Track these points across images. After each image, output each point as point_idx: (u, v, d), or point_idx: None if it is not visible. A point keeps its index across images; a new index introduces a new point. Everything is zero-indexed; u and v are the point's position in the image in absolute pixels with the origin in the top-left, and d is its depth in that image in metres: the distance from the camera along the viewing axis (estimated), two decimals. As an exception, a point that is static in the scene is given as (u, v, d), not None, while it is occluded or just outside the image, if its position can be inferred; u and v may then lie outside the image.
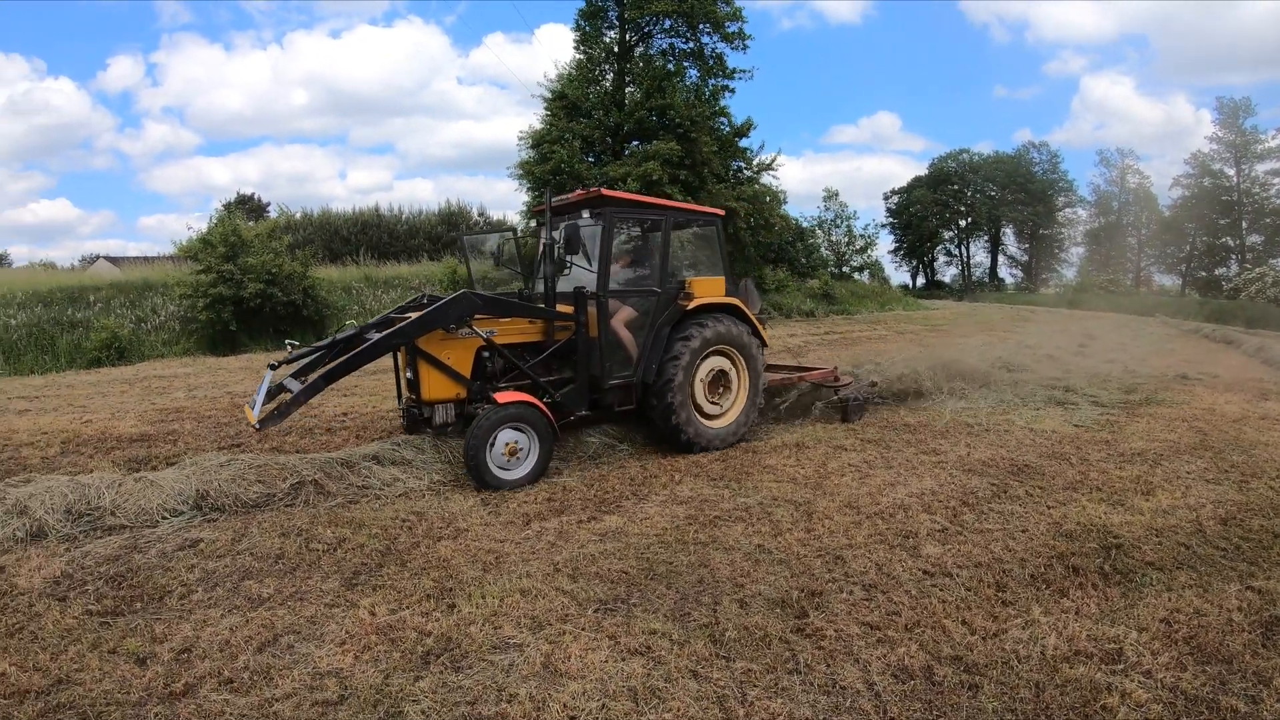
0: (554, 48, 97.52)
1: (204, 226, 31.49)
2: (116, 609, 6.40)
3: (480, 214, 52.80)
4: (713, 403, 11.08)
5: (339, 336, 10.45)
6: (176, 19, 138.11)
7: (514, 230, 10.60)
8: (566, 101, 37.60)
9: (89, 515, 8.39)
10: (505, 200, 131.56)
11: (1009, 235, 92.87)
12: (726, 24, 38.31)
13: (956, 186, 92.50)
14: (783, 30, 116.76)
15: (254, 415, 9.33)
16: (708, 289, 11.01)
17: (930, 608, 5.58)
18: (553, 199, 10.57)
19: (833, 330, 30.41)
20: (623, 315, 10.67)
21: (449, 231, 48.63)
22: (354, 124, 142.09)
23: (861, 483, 8.74)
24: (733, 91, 39.83)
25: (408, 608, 6.04)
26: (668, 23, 38.34)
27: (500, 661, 5.15)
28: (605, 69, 39.35)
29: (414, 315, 9.96)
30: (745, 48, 39.18)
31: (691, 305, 10.75)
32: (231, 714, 4.74)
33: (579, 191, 10.95)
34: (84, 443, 11.83)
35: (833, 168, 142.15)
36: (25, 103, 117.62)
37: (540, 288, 10.76)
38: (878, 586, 5.96)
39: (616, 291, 10.71)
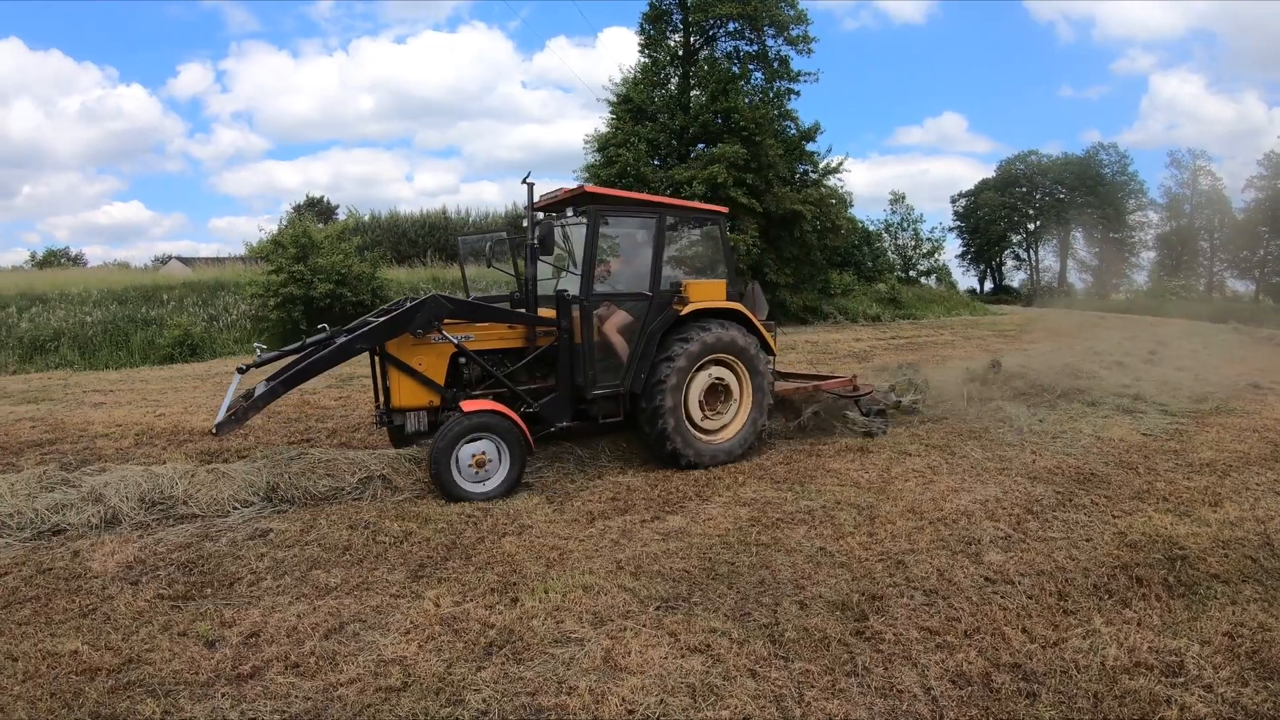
0: (617, 51, 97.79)
1: (274, 228, 32.09)
2: (187, 593, 6.60)
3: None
4: (710, 416, 10.46)
5: (310, 340, 10.16)
6: (244, 27, 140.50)
7: (507, 231, 10.47)
8: (632, 105, 37.72)
9: (162, 504, 8.68)
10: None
11: (1078, 239, 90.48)
12: (791, 27, 38.10)
13: (1025, 189, 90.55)
14: (845, 30, 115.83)
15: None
16: (706, 292, 10.43)
17: (991, 615, 5.56)
18: (534, 198, 10.12)
19: (899, 335, 30.22)
20: (613, 321, 10.26)
21: (516, 234, 49.28)
22: (420, 128, 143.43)
23: (925, 488, 8.70)
24: (797, 94, 39.53)
25: (471, 600, 6.16)
26: (732, 25, 38.28)
27: (561, 655, 5.22)
28: (670, 72, 39.34)
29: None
30: (809, 51, 38.89)
31: (686, 310, 10.15)
32: (297, 697, 4.88)
33: (564, 189, 10.60)
34: (157, 435, 12.17)
35: (899, 170, 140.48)
36: (99, 109, 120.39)
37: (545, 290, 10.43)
38: (938, 592, 5.96)
39: (602, 295, 10.22)
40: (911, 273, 55.85)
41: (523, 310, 10.25)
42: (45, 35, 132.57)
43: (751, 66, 38.42)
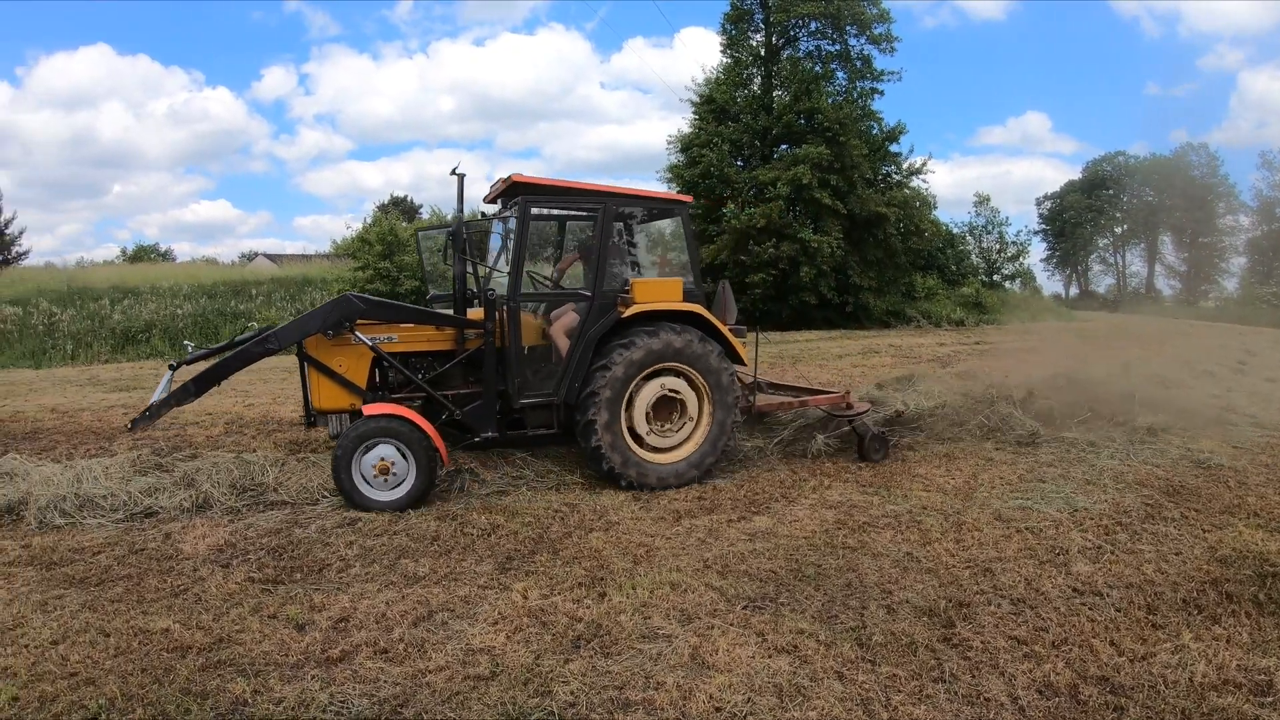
0: (696, 51, 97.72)
1: (360, 226, 32.73)
2: (277, 577, 6.83)
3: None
4: (660, 432, 9.52)
5: (239, 338, 9.88)
6: (326, 31, 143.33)
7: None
8: (715, 105, 37.73)
9: (252, 490, 8.99)
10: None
11: (1166, 243, 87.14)
12: (873, 25, 37.89)
13: (1112, 191, 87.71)
14: (925, 29, 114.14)
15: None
16: (656, 292, 9.47)
17: (1078, 626, 5.54)
18: (463, 190, 9.55)
19: (983, 340, 29.80)
20: (547, 324, 9.95)
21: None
22: (500, 129, 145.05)
23: (1012, 495, 8.63)
24: (881, 94, 39.15)
25: (559, 594, 6.26)
26: (814, 25, 38.14)
27: (649, 650, 5.29)
28: (752, 72, 39.31)
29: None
30: (893, 50, 38.65)
31: (629, 312, 9.27)
32: (385, 682, 5.01)
33: (502, 179, 9.66)
34: (246, 424, 12.54)
35: (981, 171, 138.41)
36: (186, 111, 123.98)
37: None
38: (1026, 601, 5.94)
39: (532, 295, 9.89)
40: (996, 277, 54.99)
41: (448, 312, 9.79)
42: (133, 40, 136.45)
43: (834, 66, 38.20)
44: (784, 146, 37.08)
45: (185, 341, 11.56)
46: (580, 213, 10.44)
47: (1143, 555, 6.87)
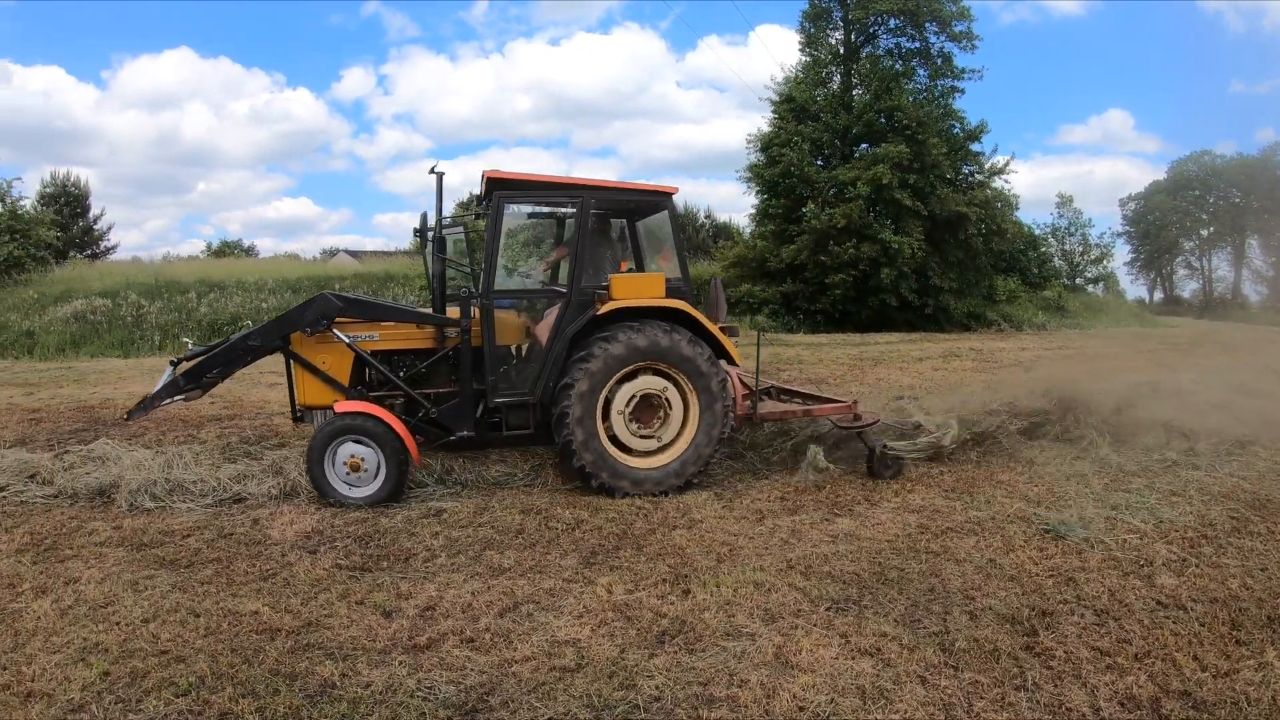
0: (772, 48, 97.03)
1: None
2: (364, 565, 7.02)
3: (707, 216, 53.36)
4: (642, 435, 9.26)
5: (235, 336, 9.84)
6: (404, 32, 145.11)
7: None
8: (794, 104, 37.56)
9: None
10: (730, 203, 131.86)
11: (1254, 246, 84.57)
12: (953, 22, 37.39)
13: (1198, 192, 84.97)
14: (1003, 25, 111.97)
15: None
16: (636, 288, 9.21)
17: (1161, 639, 5.53)
18: (442, 189, 9.43)
19: (1066, 345, 29.27)
20: (523, 322, 9.87)
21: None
22: (576, 128, 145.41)
23: (1095, 505, 8.55)
24: (961, 92, 38.55)
25: (644, 589, 6.38)
26: (893, 22, 37.83)
27: (732, 648, 5.37)
28: (832, 70, 39.13)
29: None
30: (973, 47, 38.01)
31: (606, 309, 9.01)
32: (472, 670, 5.13)
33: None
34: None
35: (1062, 171, 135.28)
36: (267, 112, 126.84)
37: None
38: (1109, 612, 5.94)
39: (507, 293, 9.81)
40: (1078, 280, 54.14)
41: (427, 310, 9.70)
42: (214, 44, 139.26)
43: (914, 64, 37.89)
44: (863, 146, 36.85)
45: (184, 339, 11.79)
46: (558, 207, 10.23)
47: (1227, 569, 6.80)
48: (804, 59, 39.60)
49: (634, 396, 9.10)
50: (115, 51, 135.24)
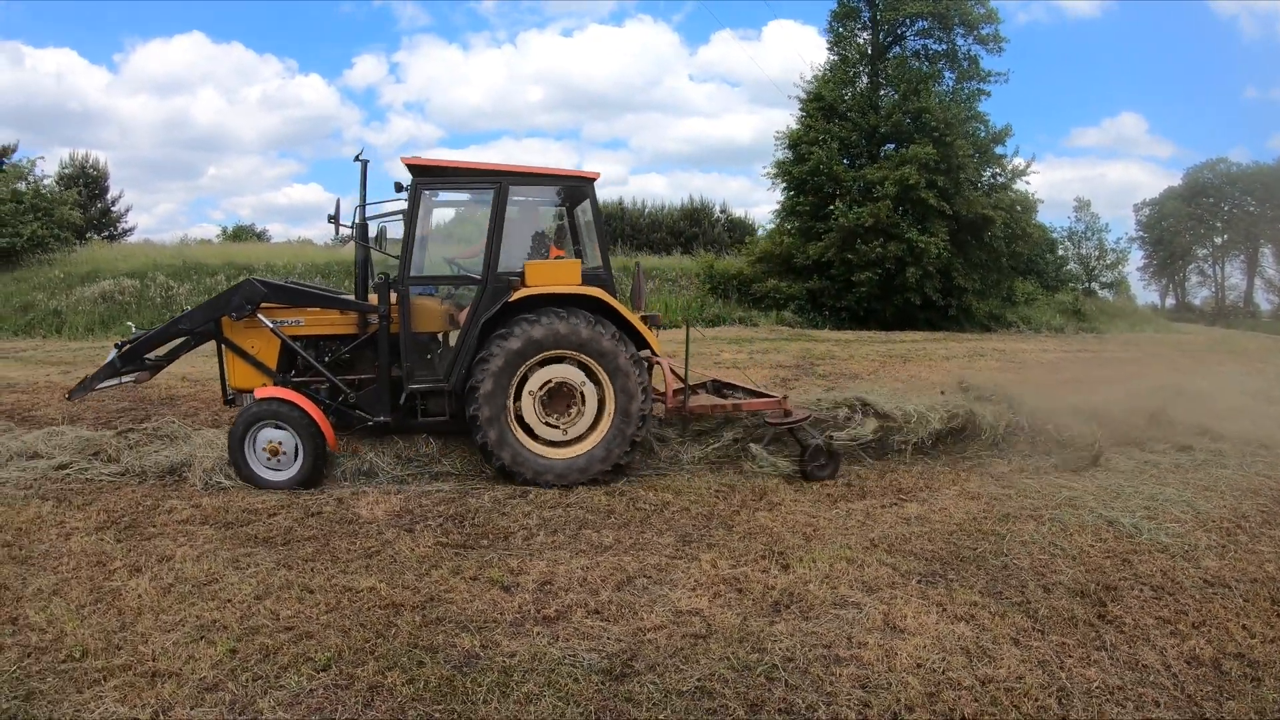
0: (785, 44, 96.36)
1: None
2: (465, 543, 7.33)
3: (722, 211, 53.59)
4: (554, 425, 9.23)
5: (174, 320, 10.09)
6: (415, 21, 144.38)
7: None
8: (823, 103, 37.74)
9: (416, 461, 9.63)
10: (742, 197, 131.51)
11: (1267, 255, 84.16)
12: (981, 26, 37.63)
13: (1213, 200, 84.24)
14: (1018, 25, 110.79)
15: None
16: (551, 275, 9.20)
17: (1213, 611, 6.09)
18: (366, 178, 9.73)
19: (1085, 349, 29.59)
20: (439, 309, 9.93)
21: (691, 227, 49.67)
22: (587, 119, 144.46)
23: (1137, 497, 9.03)
24: (988, 95, 38.87)
25: (745, 564, 6.79)
26: (921, 24, 38.02)
27: (844, 616, 5.84)
28: (859, 70, 39.31)
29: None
30: (1000, 50, 38.24)
31: (516, 296, 9.02)
32: (608, 638, 5.48)
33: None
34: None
35: (1074, 174, 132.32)
36: (279, 97, 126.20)
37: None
38: (1165, 589, 6.49)
39: (422, 279, 9.83)
40: (1094, 284, 54.30)
41: (349, 296, 9.88)
42: (226, 30, 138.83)
43: (941, 66, 38.16)
44: (889, 146, 37.11)
45: (128, 323, 12.28)
46: (478, 193, 10.24)
47: (1263, 555, 7.35)
48: (832, 58, 39.88)
49: (541, 387, 9.14)
50: (127, 35, 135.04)
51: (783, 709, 4.71)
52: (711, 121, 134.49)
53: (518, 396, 9.09)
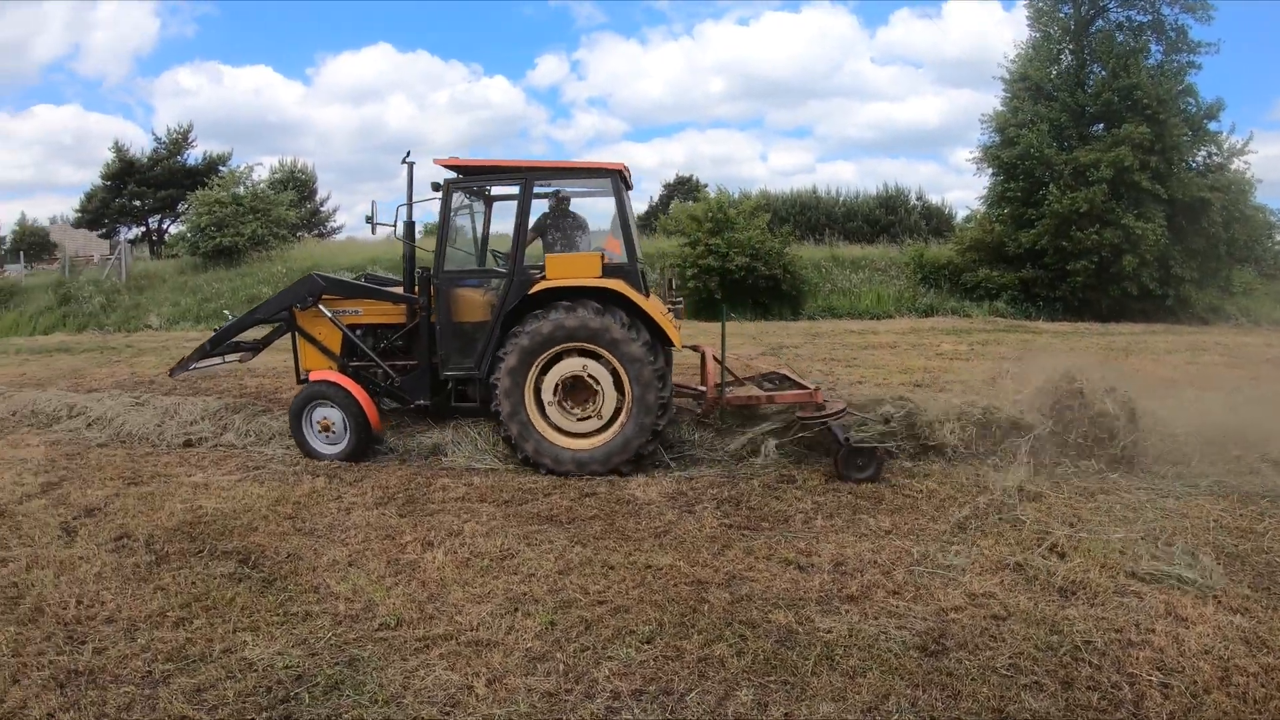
0: (962, 23, 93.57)
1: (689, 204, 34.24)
2: (748, 525, 7.67)
3: (918, 198, 52.80)
4: (577, 416, 9.54)
5: (254, 309, 11.61)
6: (593, 20, 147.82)
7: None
8: (1030, 83, 36.50)
9: (677, 446, 10.25)
10: (934, 182, 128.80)
11: None
12: (1189, -7, 34.94)
13: None
14: None
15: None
16: (570, 268, 9.43)
17: None
18: (413, 179, 10.34)
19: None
20: (471, 300, 10.25)
21: (887, 215, 49.49)
22: (769, 108, 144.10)
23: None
24: (1199, 67, 36.09)
25: (1024, 552, 7.00)
26: (1125, -7, 35.69)
27: (1127, 604, 6.05)
28: (1063, 47, 37.66)
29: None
30: (1210, 19, 35.35)
31: (536, 289, 9.37)
32: (915, 617, 5.79)
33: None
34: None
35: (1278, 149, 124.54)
36: (466, 100, 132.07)
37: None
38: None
39: (456, 273, 10.30)
40: (1319, 273, 50.89)
41: (396, 289, 10.73)
42: (411, 39, 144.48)
43: (1147, 38, 35.92)
44: (1098, 126, 35.76)
45: (225, 310, 13.68)
46: (505, 190, 10.97)
47: None
48: (1033, 35, 38.29)
49: (562, 379, 9.48)
50: (318, 50, 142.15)
51: (1090, 686, 5.02)
52: (896, 105, 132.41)
53: (538, 389, 9.55)
